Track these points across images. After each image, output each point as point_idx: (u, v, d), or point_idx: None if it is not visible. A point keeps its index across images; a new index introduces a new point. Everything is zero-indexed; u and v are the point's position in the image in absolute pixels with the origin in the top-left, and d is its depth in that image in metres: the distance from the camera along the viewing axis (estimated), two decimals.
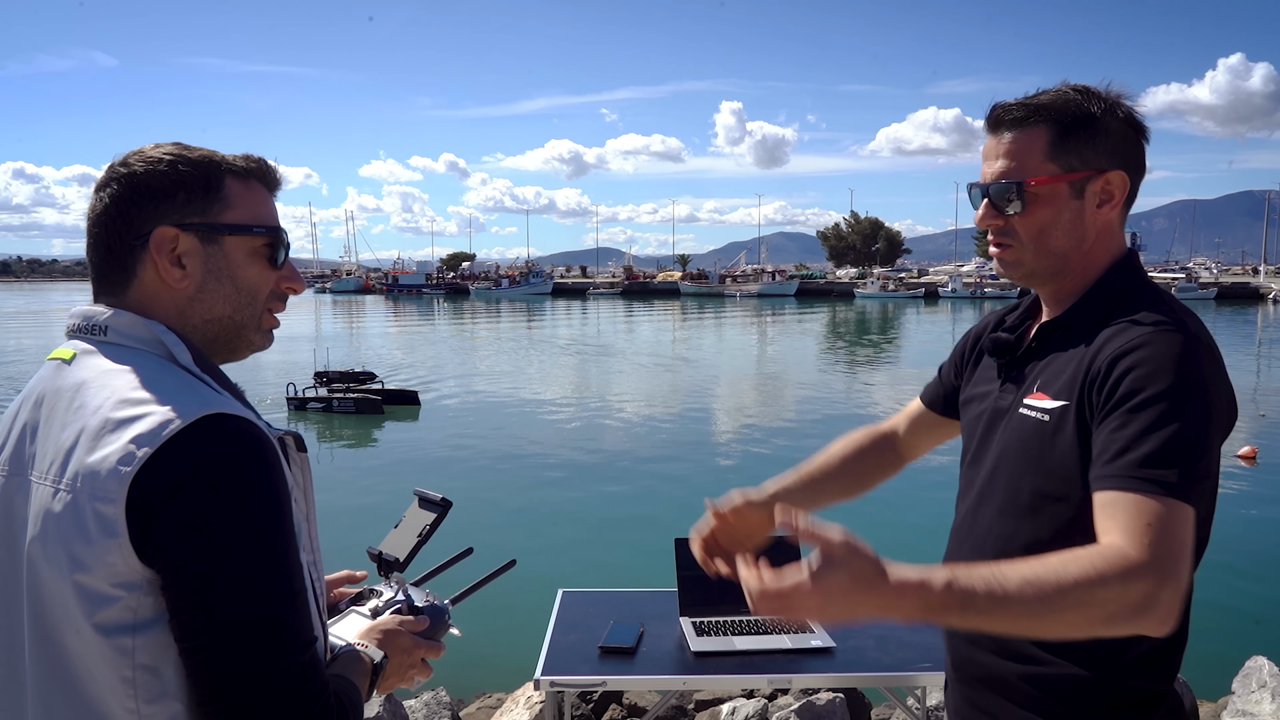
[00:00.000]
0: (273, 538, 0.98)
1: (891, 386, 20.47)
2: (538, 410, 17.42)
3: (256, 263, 1.15)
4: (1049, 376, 1.34)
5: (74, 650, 0.97)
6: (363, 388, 17.22)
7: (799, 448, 13.63)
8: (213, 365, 1.13)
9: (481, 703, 5.21)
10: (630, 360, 27.71)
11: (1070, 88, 1.36)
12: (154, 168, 1.09)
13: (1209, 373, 1.22)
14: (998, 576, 1.09)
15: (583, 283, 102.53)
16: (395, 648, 1.26)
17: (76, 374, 1.05)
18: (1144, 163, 1.38)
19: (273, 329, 1.21)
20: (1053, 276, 1.40)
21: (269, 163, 1.19)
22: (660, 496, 10.68)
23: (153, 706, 0.97)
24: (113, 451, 0.95)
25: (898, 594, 1.07)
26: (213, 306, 1.13)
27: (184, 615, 0.95)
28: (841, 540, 1.07)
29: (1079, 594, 1.08)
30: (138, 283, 1.10)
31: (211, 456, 0.96)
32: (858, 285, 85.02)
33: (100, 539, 0.94)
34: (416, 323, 49.73)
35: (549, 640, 2.61)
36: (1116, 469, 1.16)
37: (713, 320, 50.39)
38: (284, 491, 1.01)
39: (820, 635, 2.57)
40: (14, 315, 59.85)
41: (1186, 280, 72.87)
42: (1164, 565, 1.11)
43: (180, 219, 1.09)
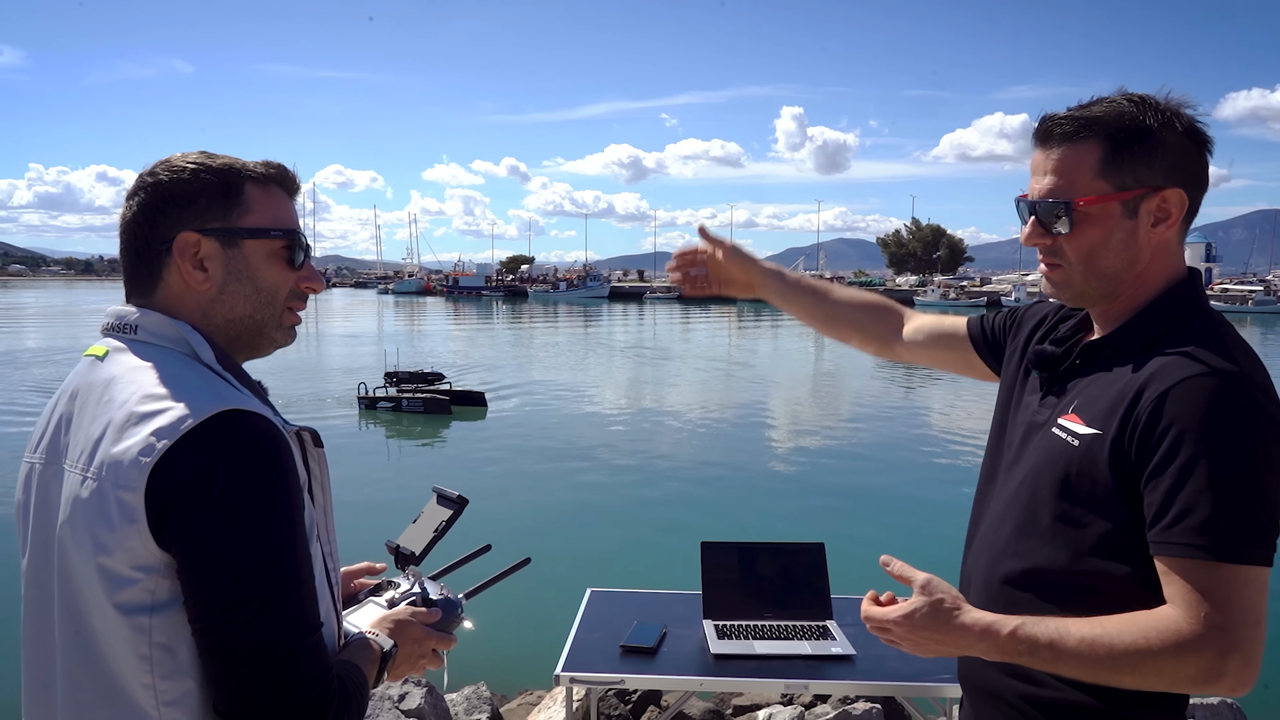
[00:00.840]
0: (281, 528, 1.04)
1: (945, 398, 20.10)
2: (590, 414, 17.55)
3: (275, 264, 1.22)
4: (1086, 400, 1.30)
5: (97, 628, 1.04)
6: (431, 388, 17.52)
7: (844, 462, 13.48)
8: (234, 363, 1.19)
9: (523, 699, 5.29)
10: (687, 365, 27.75)
11: (1125, 97, 1.28)
12: (178, 176, 1.17)
13: (1265, 418, 1.16)
14: (1060, 631, 1.19)
15: (640, 287, 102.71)
16: (406, 638, 1.32)
17: (108, 370, 1.13)
18: (1205, 177, 1.30)
19: (294, 326, 1.28)
20: (1103, 298, 1.35)
21: (287, 168, 1.25)
22: (695, 501, 10.74)
23: (167, 682, 1.04)
24: (135, 443, 1.02)
25: (970, 633, 1.23)
26: (234, 306, 1.20)
27: (197, 598, 1.02)
28: (925, 580, 1.28)
29: (1130, 662, 1.13)
30: (164, 285, 1.18)
31: (226, 450, 1.02)
32: (918, 293, 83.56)
33: (121, 524, 1.01)
34: (476, 324, 50.42)
35: (573, 637, 2.67)
36: (1175, 535, 1.15)
37: (769, 326, 50.04)
38: (294, 485, 1.08)
39: (841, 643, 2.58)
40: (93, 312, 62.39)
41: (1265, 293, 69.93)
42: (1225, 636, 1.11)
43: (202, 224, 1.16)
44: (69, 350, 28.72)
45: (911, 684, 2.45)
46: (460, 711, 4.68)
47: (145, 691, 1.04)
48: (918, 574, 1.31)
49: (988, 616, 1.25)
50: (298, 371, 21.79)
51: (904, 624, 1.28)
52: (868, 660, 2.51)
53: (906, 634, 1.28)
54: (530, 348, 33.67)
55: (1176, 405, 1.16)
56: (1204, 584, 1.12)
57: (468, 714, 4.69)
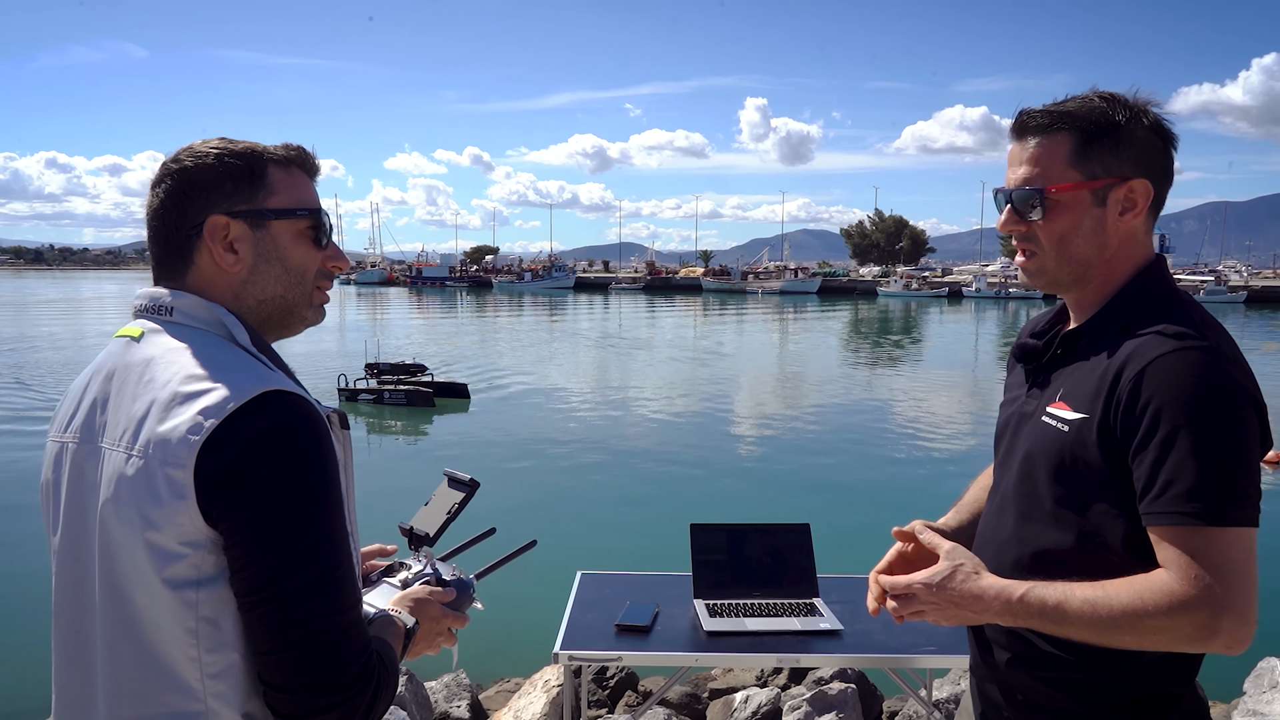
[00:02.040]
0: (324, 505, 1.07)
1: (911, 386, 20.42)
2: (568, 402, 17.57)
3: (303, 244, 1.23)
4: (1071, 386, 1.35)
5: (142, 604, 1.06)
6: (413, 380, 17.27)
7: (816, 442, 13.66)
8: (267, 345, 1.21)
9: (500, 687, 5.32)
10: (662, 354, 27.86)
11: (1097, 95, 1.35)
12: (202, 161, 1.18)
13: (1237, 386, 1.22)
14: (1066, 594, 1.25)
15: (605, 277, 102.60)
16: (425, 615, 1.34)
17: (145, 350, 1.14)
18: (1171, 170, 1.38)
19: (323, 304, 1.30)
20: (1076, 283, 1.41)
21: (307, 150, 1.27)
22: (678, 485, 10.83)
23: (213, 655, 1.06)
24: (182, 422, 1.04)
25: (987, 596, 1.30)
26: (265, 287, 1.21)
27: (244, 573, 1.04)
28: (950, 548, 1.37)
29: (1128, 622, 1.20)
30: (195, 269, 1.19)
31: (271, 429, 1.05)
32: (881, 284, 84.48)
33: (170, 501, 1.03)
34: (440, 315, 50.04)
35: (567, 618, 2.72)
36: (1163, 505, 1.20)
37: (734, 317, 50.31)
38: (333, 463, 1.10)
39: (829, 618, 2.66)
40: (49, 304, 60.72)
41: (1216, 283, 71.72)
42: (1216, 595, 1.16)
43: (229, 207, 1.18)
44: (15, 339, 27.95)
45: (896, 656, 2.54)
46: (440, 699, 4.71)
47: (190, 664, 1.06)
48: (943, 541, 1.39)
49: (1001, 581, 1.32)
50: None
51: (928, 589, 1.34)
52: (854, 635, 2.59)
53: (930, 597, 1.34)
54: (502, 339, 33.53)
55: (1154, 381, 1.22)
56: (1194, 548, 1.17)
57: (447, 701, 4.72)
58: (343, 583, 1.08)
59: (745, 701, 4.42)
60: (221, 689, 1.07)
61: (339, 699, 1.04)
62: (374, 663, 1.09)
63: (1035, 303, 60.32)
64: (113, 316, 39.71)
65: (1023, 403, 1.46)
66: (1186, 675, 1.32)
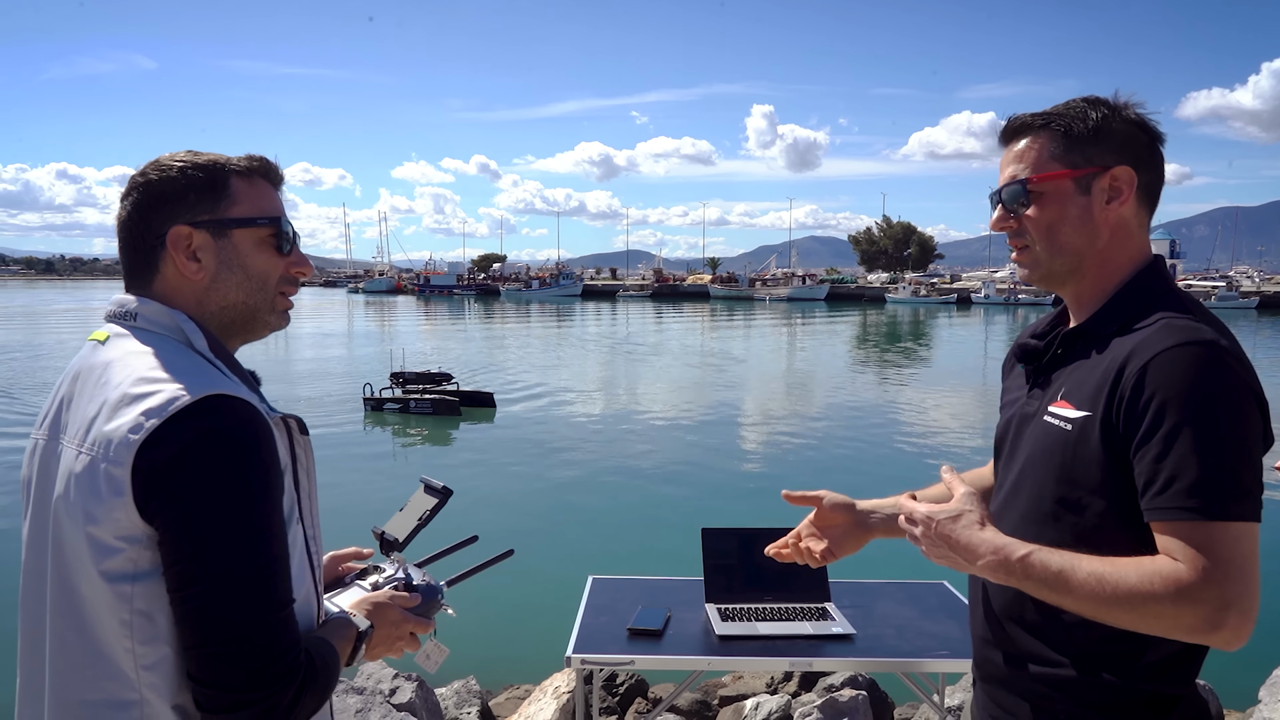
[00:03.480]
0: (258, 508, 1.10)
1: (921, 393, 20.37)
2: (583, 408, 17.55)
3: (264, 251, 1.28)
4: (1072, 385, 1.36)
5: (85, 595, 1.10)
6: (439, 389, 17.13)
7: (827, 447, 13.64)
8: (226, 351, 1.26)
9: (510, 693, 5.32)
10: (677, 361, 27.91)
11: (1081, 99, 1.40)
12: (166, 174, 1.24)
13: (1239, 381, 1.22)
14: (1071, 563, 1.23)
15: (612, 285, 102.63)
16: (383, 619, 1.38)
17: (107, 354, 1.20)
18: (1157, 162, 1.40)
19: (286, 310, 1.34)
20: (1070, 275, 1.42)
21: (270, 160, 1.32)
22: (689, 489, 10.82)
23: (146, 647, 1.10)
24: (126, 421, 1.09)
25: (983, 547, 1.29)
26: (227, 294, 1.26)
27: (175, 568, 1.08)
28: (965, 492, 1.36)
29: (1132, 602, 1.18)
30: (160, 277, 1.24)
31: (210, 431, 1.08)
32: (889, 290, 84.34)
33: (109, 496, 1.08)
34: (449, 323, 50.17)
35: (579, 622, 2.71)
36: (1166, 500, 1.19)
37: (742, 324, 50.30)
38: (274, 468, 1.14)
39: (841, 623, 2.65)
40: (61, 312, 61.15)
41: (1227, 289, 71.41)
42: (1222, 590, 1.15)
43: (192, 218, 1.23)
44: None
45: (909, 660, 2.53)
46: (450, 705, 4.70)
47: (126, 655, 1.10)
48: (961, 486, 1.39)
49: (1004, 538, 1.30)
50: (296, 372, 21.51)
51: (928, 521, 1.35)
52: (866, 639, 2.59)
53: (928, 531, 1.36)
54: (516, 347, 33.57)
55: (1157, 377, 1.22)
56: (1198, 543, 1.17)
57: (457, 708, 4.72)
58: (271, 583, 1.10)
59: (755, 708, 4.41)
60: (154, 680, 1.10)
61: (258, 695, 1.07)
62: (299, 662, 1.11)
63: (1044, 308, 59.81)
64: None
65: (1024, 404, 1.47)
66: (1187, 677, 1.32)
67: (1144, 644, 1.26)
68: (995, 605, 1.45)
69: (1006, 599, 1.41)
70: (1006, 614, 1.42)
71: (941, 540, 1.34)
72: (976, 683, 1.54)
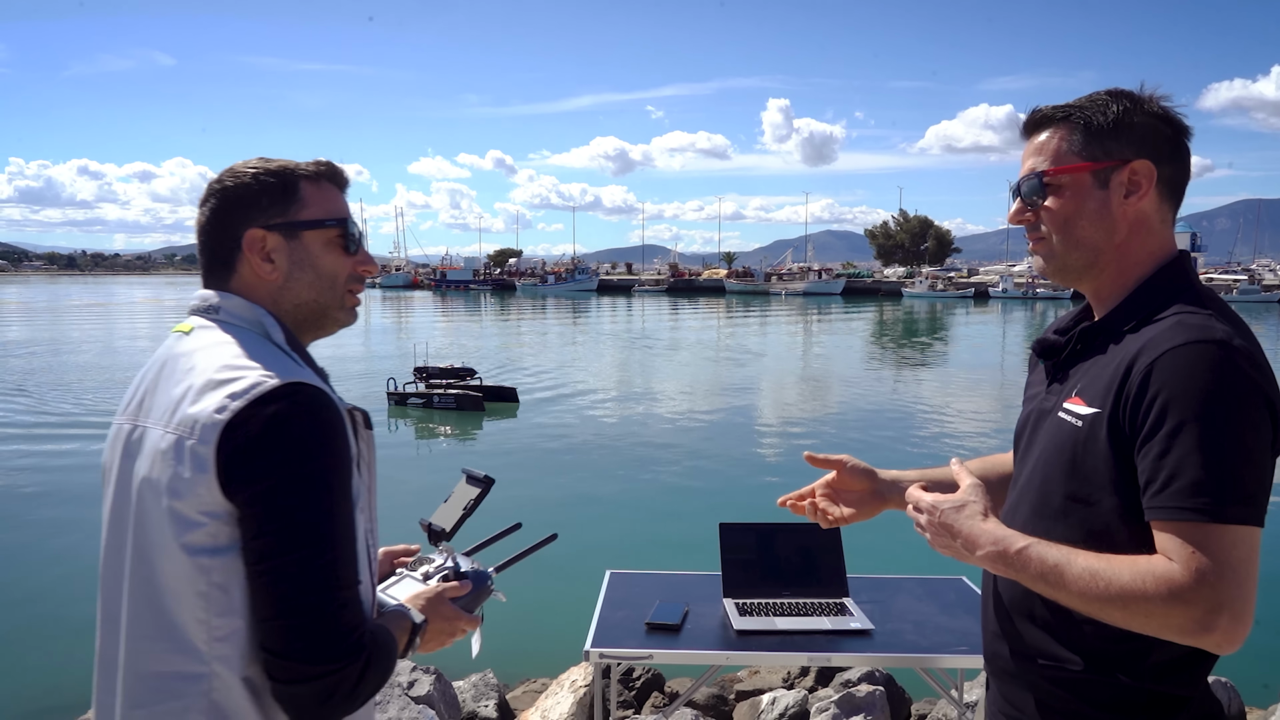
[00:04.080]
0: (333, 490, 1.17)
1: (940, 387, 20.26)
2: (603, 403, 17.59)
3: (333, 251, 1.36)
4: (1087, 381, 1.35)
5: (163, 569, 1.17)
6: (463, 384, 17.15)
7: (845, 441, 13.61)
8: (301, 345, 1.33)
9: (527, 686, 5.34)
10: (699, 355, 27.92)
11: (1105, 91, 1.39)
12: (241, 180, 1.32)
13: (1249, 382, 1.20)
14: (1068, 558, 1.24)
15: (628, 280, 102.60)
16: (437, 614, 1.45)
17: (191, 343, 1.28)
18: (1180, 156, 1.38)
19: (355, 307, 1.41)
20: (1087, 270, 1.41)
21: (335, 165, 1.39)
22: (707, 484, 10.83)
23: (220, 619, 1.16)
24: (211, 403, 1.16)
25: (983, 537, 1.31)
26: (299, 293, 1.34)
27: (253, 543, 1.14)
28: (971, 483, 1.39)
29: (1124, 600, 1.18)
30: (237, 276, 1.32)
31: (289, 414, 1.15)
32: (905, 284, 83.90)
33: (194, 473, 1.14)
34: (465, 318, 50.32)
35: (597, 617, 2.72)
36: (1165, 499, 1.18)
37: (758, 318, 50.18)
38: (347, 454, 1.21)
39: (859, 618, 2.65)
40: (84, 308, 61.72)
41: (1249, 282, 70.58)
42: (1216, 592, 1.14)
43: (265, 221, 1.31)
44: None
45: (927, 655, 2.52)
46: (468, 699, 4.73)
47: (199, 627, 1.16)
48: (968, 477, 1.42)
49: (1005, 529, 1.32)
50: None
51: (932, 510, 1.38)
52: (884, 634, 2.58)
53: (930, 520, 1.38)
54: (533, 341, 33.64)
55: (1163, 375, 1.21)
56: (1195, 544, 1.16)
57: (475, 700, 4.74)
58: (341, 563, 1.17)
59: (772, 703, 4.41)
60: (225, 652, 1.16)
61: (327, 669, 1.14)
62: (365, 641, 1.17)
63: (1063, 303, 59.64)
64: (151, 321, 40.38)
65: (1042, 399, 1.46)
66: (1195, 679, 1.31)
67: (1151, 644, 1.24)
68: (1005, 600, 1.44)
69: (1017, 594, 1.40)
70: (1016, 609, 1.42)
71: (944, 530, 1.36)
72: (988, 679, 1.54)
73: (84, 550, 8.18)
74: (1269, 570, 1.35)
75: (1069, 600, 1.25)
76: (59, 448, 13.22)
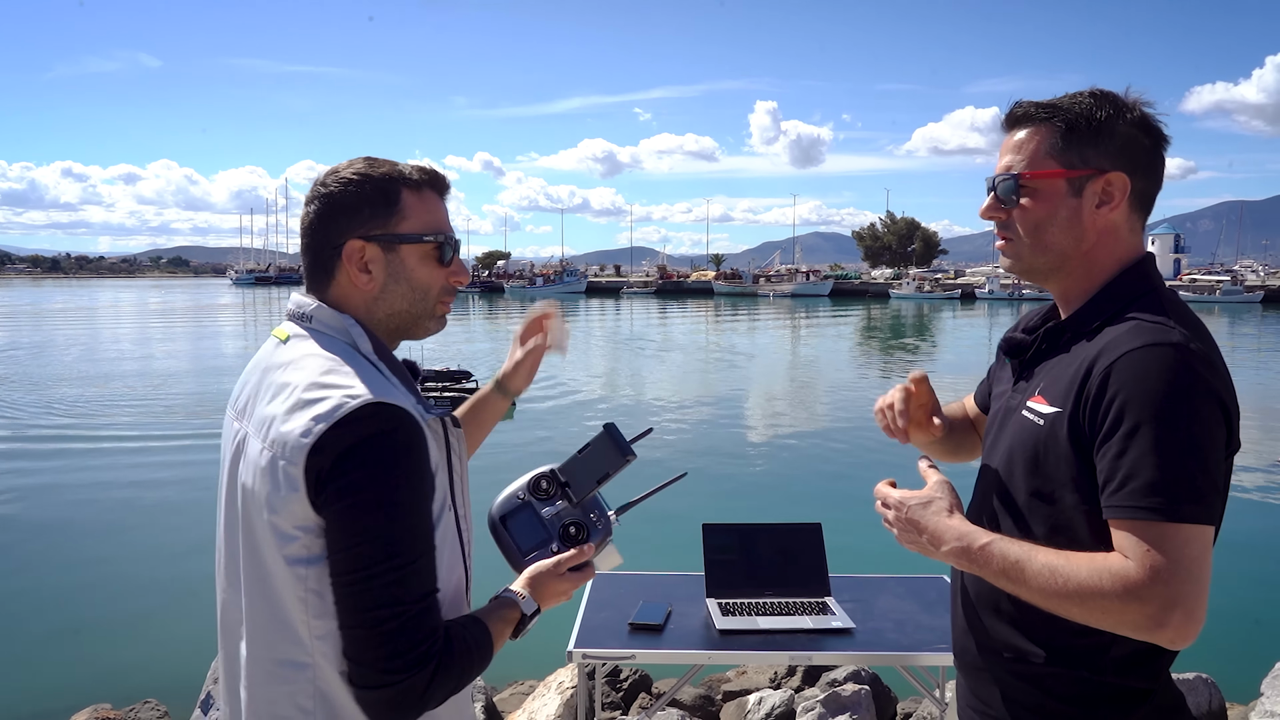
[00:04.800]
0: (409, 507, 1.23)
1: None
2: (590, 405, 17.47)
3: (428, 264, 1.39)
4: (1049, 381, 1.38)
5: (273, 571, 1.25)
6: (459, 387, 16.92)
7: (829, 442, 13.64)
8: (389, 353, 1.38)
9: (514, 689, 5.34)
10: (690, 357, 27.87)
11: (1088, 92, 1.38)
12: (345, 187, 1.35)
13: (1203, 384, 1.23)
14: (1028, 554, 1.27)
15: (616, 282, 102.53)
16: (548, 594, 1.47)
17: (286, 354, 1.34)
18: (1155, 167, 1.39)
19: (444, 315, 1.46)
20: (1053, 273, 1.43)
21: (438, 171, 1.43)
22: (690, 484, 10.79)
23: (318, 621, 1.24)
24: (299, 425, 1.22)
25: (948, 534, 1.35)
26: (393, 303, 1.38)
27: (334, 556, 1.21)
28: (937, 480, 1.42)
29: (1081, 596, 1.21)
30: (335, 283, 1.37)
31: (368, 437, 1.20)
32: (893, 286, 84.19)
33: (287, 491, 1.22)
34: (454, 319, 50.05)
35: (580, 617, 2.74)
36: (1122, 499, 1.21)
37: (746, 320, 50.26)
38: (425, 470, 1.26)
39: (841, 617, 2.67)
40: (64, 311, 61.24)
41: (1232, 283, 71.09)
42: (1169, 590, 1.16)
43: (366, 231, 1.35)
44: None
45: (908, 654, 2.55)
46: None
47: (302, 626, 1.25)
48: (934, 474, 1.45)
49: (967, 526, 1.35)
50: None
51: (899, 506, 1.41)
52: (866, 633, 2.60)
53: (897, 516, 1.41)
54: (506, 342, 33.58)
55: (1121, 376, 1.24)
56: (1150, 542, 1.18)
57: None
58: (414, 577, 1.22)
59: (759, 703, 4.43)
60: (325, 649, 1.24)
61: (394, 679, 1.20)
62: (434, 650, 1.22)
63: (1049, 303, 59.81)
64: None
65: (1009, 397, 1.49)
66: (1156, 671, 1.33)
67: (1112, 638, 1.27)
68: (972, 595, 1.47)
69: (983, 590, 1.42)
70: (982, 604, 1.44)
71: (910, 525, 1.40)
72: (957, 673, 1.57)
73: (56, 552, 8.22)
74: (1245, 569, 1.37)
75: (1029, 595, 1.27)
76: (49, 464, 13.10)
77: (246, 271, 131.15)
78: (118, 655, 6.24)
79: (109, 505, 10.23)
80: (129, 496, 10.56)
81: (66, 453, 13.11)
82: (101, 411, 16.61)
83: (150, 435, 14.19)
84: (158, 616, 6.83)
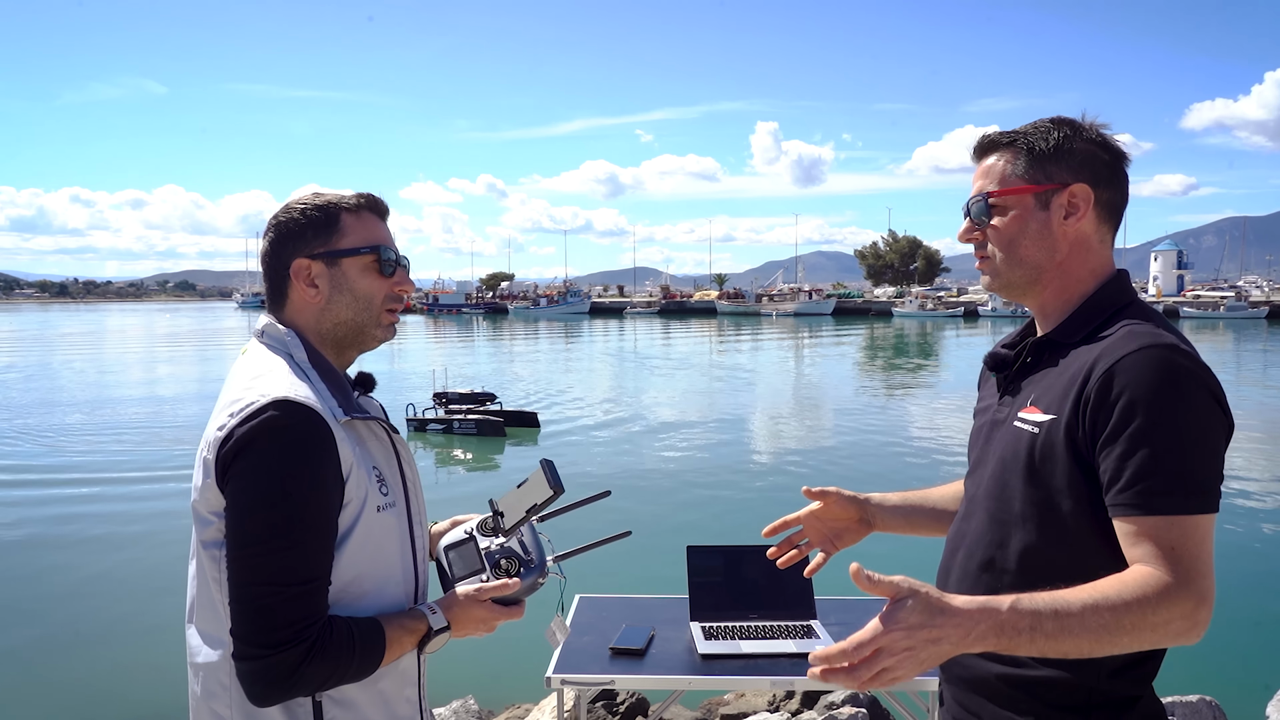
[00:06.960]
0: (298, 495, 1.31)
1: (929, 408, 20.28)
2: (610, 429, 17.43)
3: (369, 275, 1.51)
4: (1041, 391, 1.41)
5: (201, 555, 1.38)
6: (483, 409, 17.01)
7: (816, 464, 13.56)
8: (323, 360, 1.49)
9: (510, 713, 5.30)
10: (705, 377, 27.91)
11: (1050, 119, 1.48)
12: (291, 216, 1.49)
13: (1199, 381, 1.28)
14: (1061, 600, 1.16)
15: (620, 302, 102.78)
16: (468, 619, 1.52)
17: (238, 366, 1.47)
18: (1117, 179, 1.46)
19: (392, 324, 1.56)
20: (1030, 286, 1.48)
21: (376, 196, 1.55)
22: (678, 506, 10.78)
23: (226, 600, 1.34)
24: (219, 420, 1.36)
25: (966, 616, 1.12)
26: (339, 313, 1.50)
27: (228, 536, 1.33)
28: (900, 580, 1.12)
29: (1135, 617, 1.18)
30: (289, 302, 1.50)
31: (272, 429, 1.31)
32: (896, 304, 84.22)
33: (203, 479, 1.35)
34: (457, 341, 50.25)
35: (562, 642, 2.70)
36: (1131, 496, 1.23)
37: (750, 339, 50.26)
38: (327, 464, 1.34)
39: (825, 641, 2.63)
40: (76, 335, 61.49)
41: (1236, 299, 70.97)
42: (1197, 585, 1.19)
43: (310, 251, 1.48)
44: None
45: None
46: None
47: (221, 606, 1.36)
48: (888, 577, 1.13)
49: (977, 598, 1.17)
50: None
51: (897, 629, 1.09)
52: None
53: (902, 639, 1.09)
54: (530, 363, 33.59)
55: (1123, 378, 1.27)
56: (1167, 538, 1.21)
57: None
58: (297, 561, 1.31)
59: None
60: None
61: (264, 653, 1.28)
62: (308, 634, 1.30)
63: (1028, 319, 59.51)
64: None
65: (995, 411, 1.52)
66: (1145, 677, 1.34)
67: None
68: None
69: (971, 594, 1.40)
70: None
71: (923, 641, 1.10)
72: (942, 687, 1.55)
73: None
74: (1260, 582, 1.33)
75: (1075, 642, 1.15)
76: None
77: (252, 294, 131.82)
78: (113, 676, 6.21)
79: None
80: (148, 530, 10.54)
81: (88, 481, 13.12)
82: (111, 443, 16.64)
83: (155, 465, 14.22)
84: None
